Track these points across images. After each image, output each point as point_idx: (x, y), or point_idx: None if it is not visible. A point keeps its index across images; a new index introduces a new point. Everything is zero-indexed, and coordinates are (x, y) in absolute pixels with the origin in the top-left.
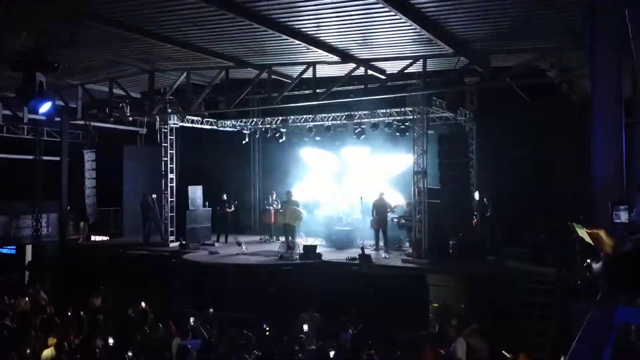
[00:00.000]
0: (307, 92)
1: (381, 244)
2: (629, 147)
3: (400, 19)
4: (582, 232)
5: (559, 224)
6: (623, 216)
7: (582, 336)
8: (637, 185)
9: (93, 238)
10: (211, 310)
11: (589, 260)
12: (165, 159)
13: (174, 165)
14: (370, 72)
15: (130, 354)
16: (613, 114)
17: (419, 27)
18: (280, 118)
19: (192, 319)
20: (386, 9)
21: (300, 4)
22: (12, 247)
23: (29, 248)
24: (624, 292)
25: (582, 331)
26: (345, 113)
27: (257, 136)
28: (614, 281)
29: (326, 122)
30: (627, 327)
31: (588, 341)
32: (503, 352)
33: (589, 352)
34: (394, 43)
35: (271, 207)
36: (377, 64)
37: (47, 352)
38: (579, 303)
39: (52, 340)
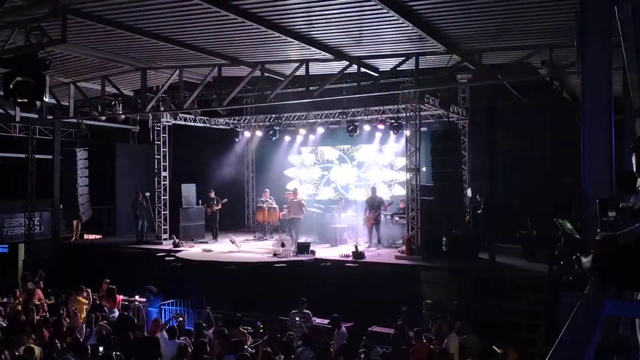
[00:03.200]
0: (300, 89)
1: (375, 240)
2: (618, 144)
3: (393, 16)
4: (567, 227)
5: (550, 221)
6: (611, 213)
7: (568, 328)
8: (630, 147)
9: (86, 236)
10: (208, 308)
11: (578, 254)
12: (158, 157)
13: (167, 163)
14: (363, 69)
15: (122, 352)
16: (603, 111)
17: (410, 25)
18: (273, 116)
19: (181, 317)
20: (378, 7)
21: (291, 1)
22: (4, 246)
23: (21, 247)
24: (613, 285)
25: (568, 323)
26: (339, 110)
27: (250, 134)
28: (603, 274)
29: (319, 120)
30: (617, 320)
31: (574, 333)
32: (494, 347)
33: (574, 344)
34: (386, 40)
35: (265, 205)
36: (369, 61)
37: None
38: (567, 296)
39: (29, 340)
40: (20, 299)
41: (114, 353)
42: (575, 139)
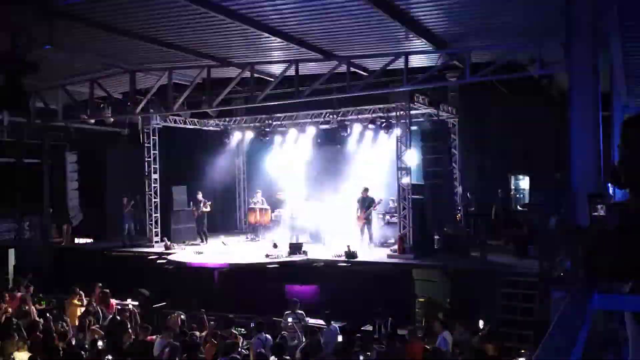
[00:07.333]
0: (289, 90)
1: (366, 240)
2: (606, 139)
3: (381, 16)
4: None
5: (541, 217)
6: (600, 208)
7: (557, 322)
8: (611, 166)
9: (76, 240)
10: (202, 311)
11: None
12: (148, 159)
13: (157, 166)
14: (352, 69)
15: (117, 355)
16: (590, 107)
17: (399, 24)
18: (263, 117)
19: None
20: (366, 6)
21: (279, 2)
22: None
23: (11, 252)
24: (601, 278)
25: (557, 318)
26: (329, 110)
27: (240, 135)
28: (592, 268)
29: (309, 120)
30: (606, 313)
31: (563, 327)
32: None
33: (563, 337)
34: (375, 40)
35: (256, 206)
36: (359, 61)
37: (22, 355)
38: (557, 291)
39: (24, 346)
40: (8, 305)
41: (106, 357)
42: (564, 136)
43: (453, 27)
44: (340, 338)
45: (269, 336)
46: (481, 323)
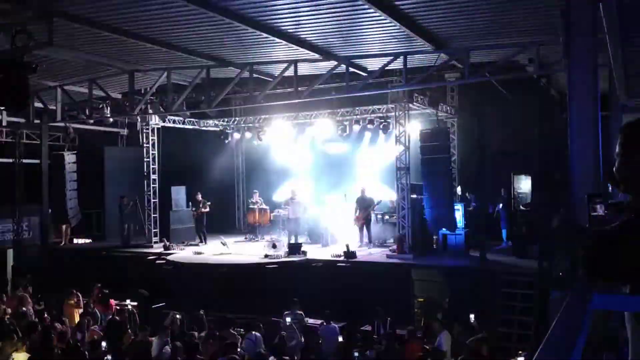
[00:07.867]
0: (289, 90)
1: (365, 240)
2: (605, 139)
3: (380, 16)
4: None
5: (540, 217)
6: (599, 208)
7: (557, 323)
8: (607, 173)
9: (75, 241)
10: (202, 311)
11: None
12: (147, 159)
13: (156, 166)
14: (351, 69)
15: (117, 356)
16: (589, 107)
17: (398, 24)
18: (262, 117)
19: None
20: (365, 6)
21: (278, 2)
22: None
23: (10, 252)
24: (601, 278)
25: (557, 318)
26: (328, 110)
27: (240, 135)
28: (591, 268)
29: (309, 120)
30: (608, 314)
31: (563, 327)
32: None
33: (563, 337)
34: (375, 40)
35: (255, 206)
36: (358, 61)
37: (21, 356)
38: (557, 291)
39: (22, 347)
40: (6, 306)
41: (106, 358)
42: (563, 136)
43: (452, 27)
44: (340, 338)
45: (258, 334)
46: (472, 317)
